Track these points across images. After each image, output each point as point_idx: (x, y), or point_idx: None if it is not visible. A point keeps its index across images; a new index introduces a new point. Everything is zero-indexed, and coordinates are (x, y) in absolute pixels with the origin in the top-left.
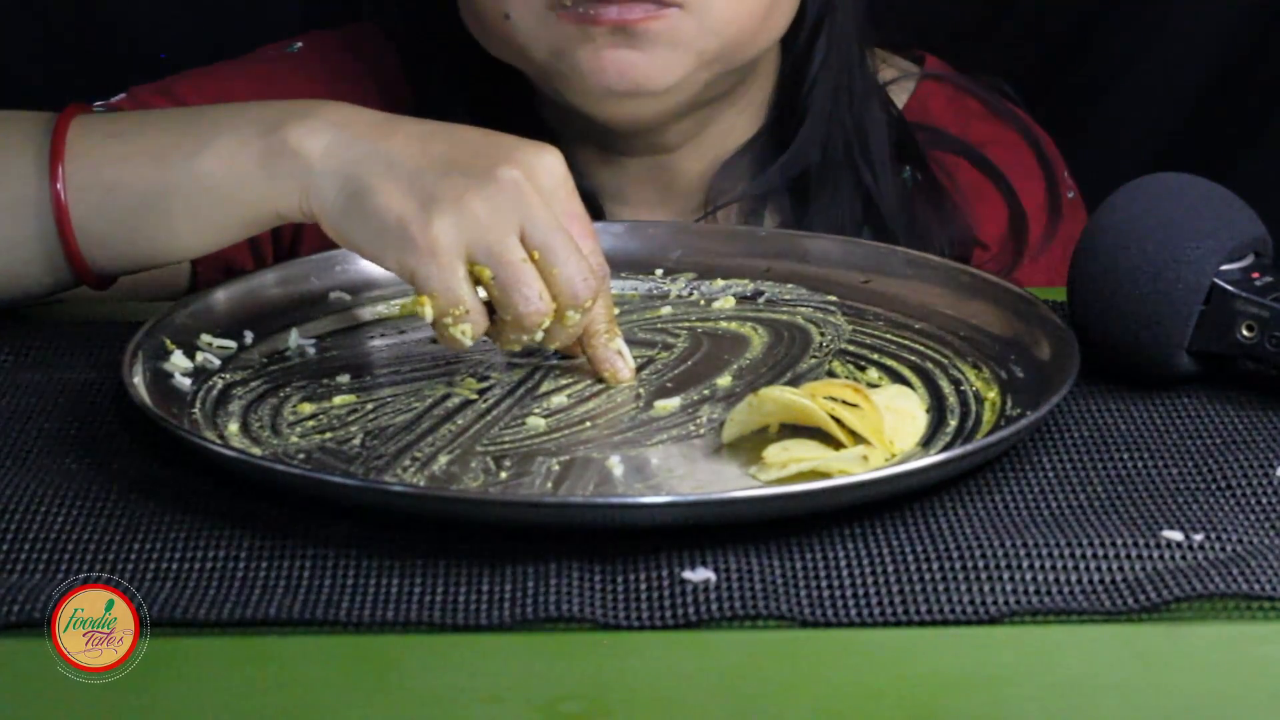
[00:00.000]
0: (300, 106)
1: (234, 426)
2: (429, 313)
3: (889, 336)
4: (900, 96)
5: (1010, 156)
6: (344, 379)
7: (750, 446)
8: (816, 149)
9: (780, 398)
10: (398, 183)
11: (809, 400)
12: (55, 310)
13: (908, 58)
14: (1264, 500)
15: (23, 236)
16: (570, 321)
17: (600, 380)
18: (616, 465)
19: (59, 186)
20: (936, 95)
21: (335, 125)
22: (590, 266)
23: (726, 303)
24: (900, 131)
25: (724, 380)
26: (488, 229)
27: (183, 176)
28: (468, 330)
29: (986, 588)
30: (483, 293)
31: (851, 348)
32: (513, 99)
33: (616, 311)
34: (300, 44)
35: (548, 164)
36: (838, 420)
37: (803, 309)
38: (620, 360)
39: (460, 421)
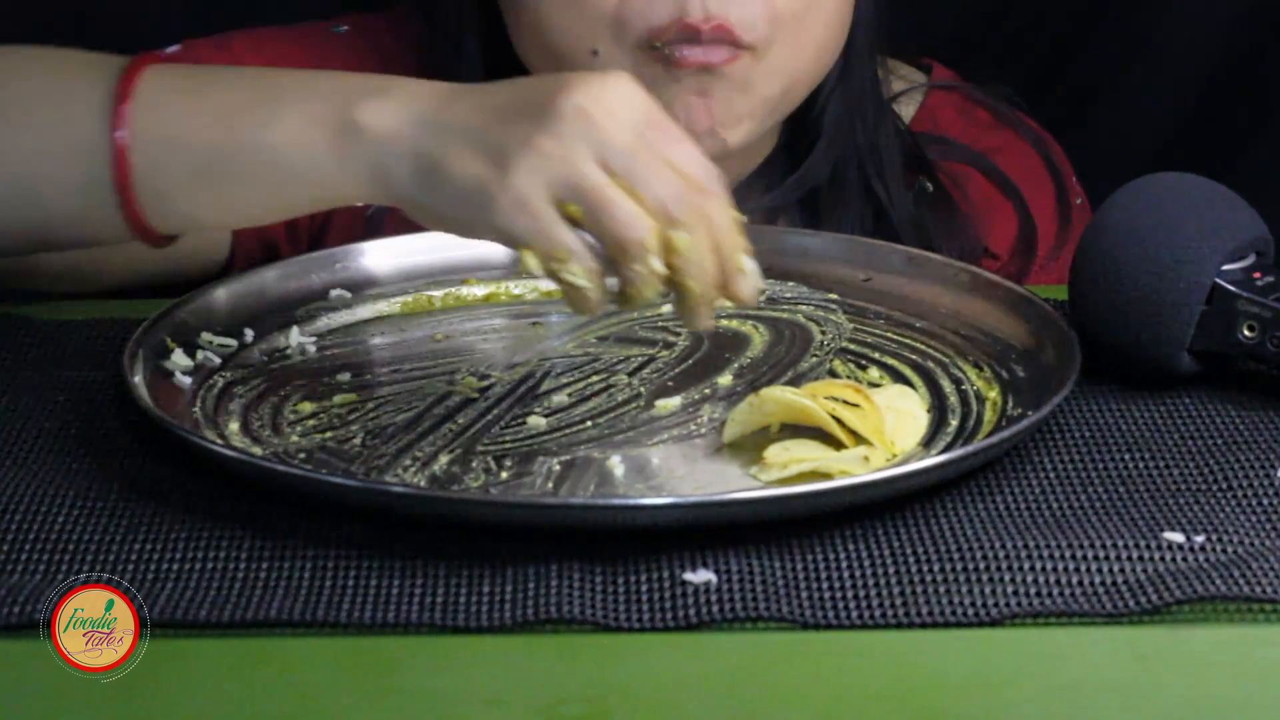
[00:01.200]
0: (373, 83)
1: (234, 425)
2: (533, 264)
3: (890, 335)
4: (909, 107)
5: (1020, 165)
6: (344, 377)
7: (751, 446)
8: (828, 166)
9: (781, 397)
10: (467, 147)
11: (810, 400)
12: (55, 310)
13: (914, 65)
14: (1265, 502)
15: (81, 182)
16: (683, 245)
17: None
18: (617, 465)
19: (123, 134)
20: (945, 106)
21: (405, 103)
22: (683, 182)
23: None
24: (909, 144)
25: (725, 379)
26: (564, 163)
27: (250, 146)
28: (578, 271)
29: (988, 589)
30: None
31: (852, 346)
32: None
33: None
34: (346, 27)
35: (614, 85)
36: (839, 420)
37: (803, 307)
38: (743, 279)
39: (461, 420)
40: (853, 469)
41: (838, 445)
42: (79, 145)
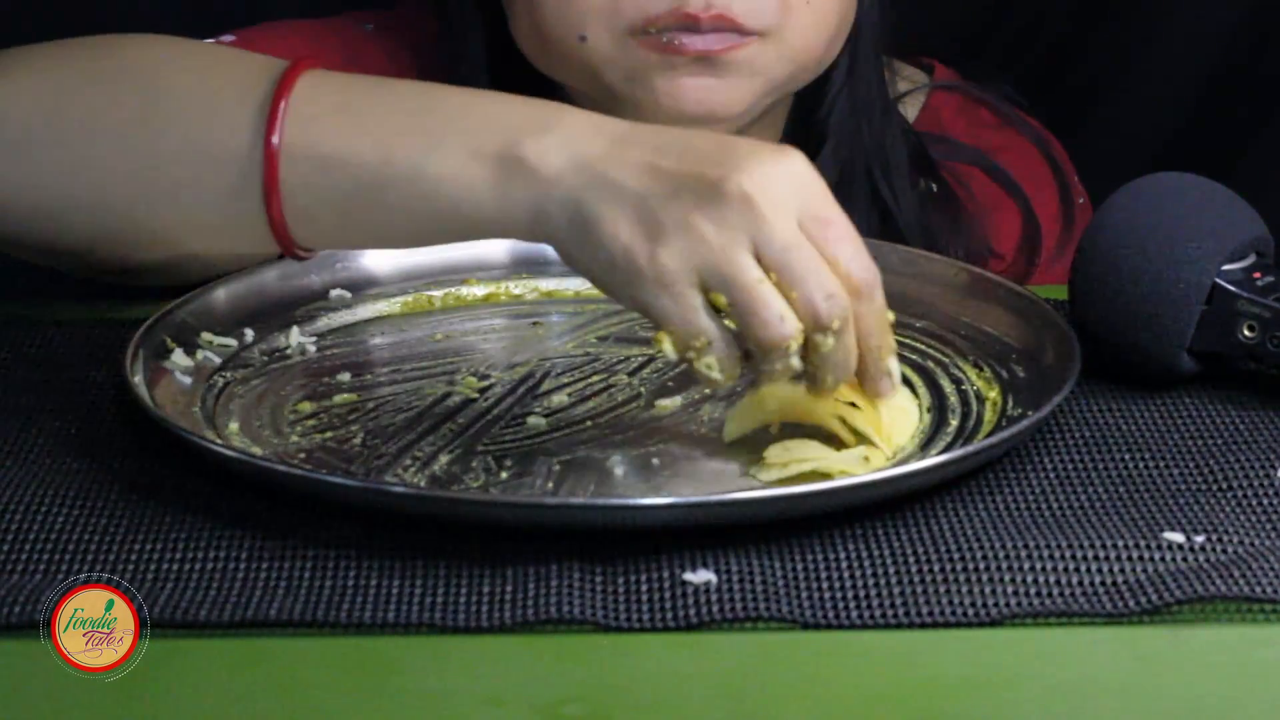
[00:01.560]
0: (540, 117)
1: (234, 426)
2: (669, 349)
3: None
4: (912, 108)
5: (1023, 165)
6: (344, 377)
7: (751, 446)
8: (835, 169)
9: (782, 396)
10: (624, 209)
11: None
12: (55, 310)
13: (916, 65)
14: (1265, 502)
15: (227, 187)
16: (825, 348)
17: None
18: (617, 465)
19: (275, 141)
20: (948, 105)
21: (570, 143)
22: (837, 283)
23: None
24: (914, 144)
25: None
26: (718, 251)
27: (407, 174)
28: (713, 363)
29: (987, 589)
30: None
31: None
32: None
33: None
34: (370, 25)
35: (785, 169)
36: (840, 419)
37: None
38: (886, 381)
39: (461, 420)
40: (853, 469)
41: (838, 445)
42: (229, 150)
